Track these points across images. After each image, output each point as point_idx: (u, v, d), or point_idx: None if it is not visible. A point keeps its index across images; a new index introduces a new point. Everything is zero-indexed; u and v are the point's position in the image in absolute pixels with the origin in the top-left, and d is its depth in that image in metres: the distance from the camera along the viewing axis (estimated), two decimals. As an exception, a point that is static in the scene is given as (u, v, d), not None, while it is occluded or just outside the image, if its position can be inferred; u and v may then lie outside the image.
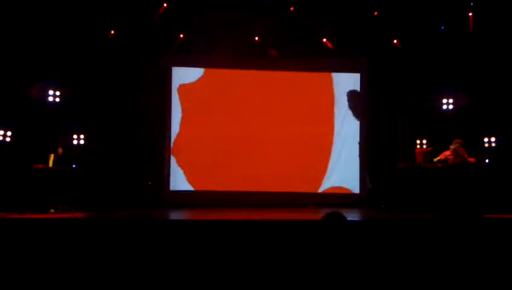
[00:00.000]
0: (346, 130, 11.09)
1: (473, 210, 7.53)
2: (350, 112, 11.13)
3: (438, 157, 8.49)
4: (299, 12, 10.24)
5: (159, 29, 10.32)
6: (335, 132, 11.04)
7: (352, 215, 7.55)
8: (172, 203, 10.33)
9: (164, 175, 10.78)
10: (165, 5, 10.00)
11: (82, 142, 10.20)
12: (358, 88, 11.17)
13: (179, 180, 10.81)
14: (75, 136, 10.14)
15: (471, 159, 8.33)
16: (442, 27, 10.23)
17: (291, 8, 10.24)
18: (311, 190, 10.81)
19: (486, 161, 9.33)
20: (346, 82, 11.18)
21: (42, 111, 9.77)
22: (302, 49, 10.75)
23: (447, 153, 8.45)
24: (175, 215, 8.20)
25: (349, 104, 11.10)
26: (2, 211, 7.73)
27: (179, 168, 10.87)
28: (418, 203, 8.23)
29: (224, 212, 8.68)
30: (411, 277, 4.08)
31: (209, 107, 10.94)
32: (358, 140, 11.10)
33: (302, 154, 10.90)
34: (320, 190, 10.85)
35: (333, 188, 10.86)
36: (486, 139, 9.91)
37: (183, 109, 10.95)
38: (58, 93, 9.85)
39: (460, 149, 8.36)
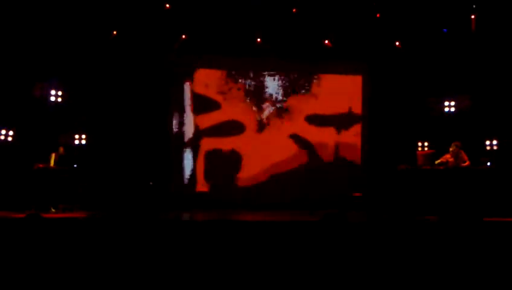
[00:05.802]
0: (348, 132, 11.13)
1: (473, 213, 7.52)
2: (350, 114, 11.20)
3: (439, 160, 8.48)
4: (302, 14, 10.23)
5: (162, 29, 10.32)
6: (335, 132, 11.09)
7: (352, 217, 7.54)
8: (175, 203, 10.32)
9: (166, 175, 10.78)
10: (167, 5, 10.01)
11: (83, 141, 10.20)
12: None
13: (180, 180, 10.84)
14: (76, 136, 10.15)
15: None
16: (445, 29, 10.22)
17: (294, 10, 10.23)
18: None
19: (488, 163, 9.30)
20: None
21: (44, 110, 9.80)
22: (303, 51, 10.74)
23: (448, 155, 8.45)
24: (176, 215, 8.23)
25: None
26: (4, 210, 7.78)
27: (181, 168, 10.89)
28: (419, 205, 8.22)
29: (227, 212, 8.70)
30: (411, 279, 4.08)
31: (211, 106, 10.97)
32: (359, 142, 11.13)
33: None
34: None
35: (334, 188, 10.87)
36: (488, 142, 9.89)
37: (185, 108, 10.97)
38: (60, 93, 9.89)
39: (461, 152, 8.35)
